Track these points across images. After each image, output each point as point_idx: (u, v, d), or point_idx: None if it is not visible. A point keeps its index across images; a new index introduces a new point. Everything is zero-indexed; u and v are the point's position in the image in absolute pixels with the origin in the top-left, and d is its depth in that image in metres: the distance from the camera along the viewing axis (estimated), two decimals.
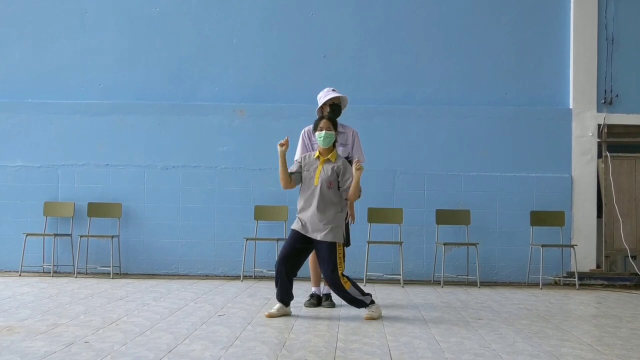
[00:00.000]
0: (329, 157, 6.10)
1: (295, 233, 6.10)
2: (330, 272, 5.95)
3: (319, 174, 6.04)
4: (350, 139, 6.60)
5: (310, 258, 6.65)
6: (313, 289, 6.79)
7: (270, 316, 6.00)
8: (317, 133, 6.10)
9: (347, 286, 5.99)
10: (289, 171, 6.13)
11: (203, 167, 9.44)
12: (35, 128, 9.56)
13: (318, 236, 5.98)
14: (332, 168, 6.06)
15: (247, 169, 9.41)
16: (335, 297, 6.98)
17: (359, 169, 5.91)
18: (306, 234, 6.03)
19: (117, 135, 9.52)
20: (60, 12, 9.76)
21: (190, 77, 9.68)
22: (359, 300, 6.07)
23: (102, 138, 9.52)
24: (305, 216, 6.04)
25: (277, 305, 6.10)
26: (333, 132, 6.08)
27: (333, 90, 6.54)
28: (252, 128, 9.46)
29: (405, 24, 9.61)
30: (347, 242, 6.64)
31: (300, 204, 6.13)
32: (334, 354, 4.63)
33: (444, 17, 9.61)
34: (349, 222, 6.67)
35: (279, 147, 6.02)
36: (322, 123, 6.09)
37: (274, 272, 6.16)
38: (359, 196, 6.04)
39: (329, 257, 5.96)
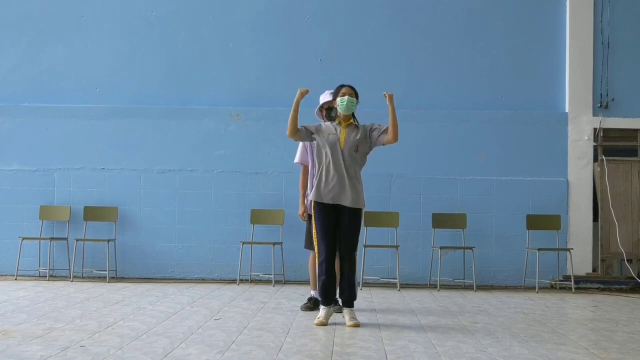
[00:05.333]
0: (350, 121, 5.99)
1: (323, 208, 5.88)
2: (352, 238, 5.86)
3: (344, 137, 5.91)
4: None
5: (310, 261, 6.63)
6: (312, 293, 6.74)
7: (322, 324, 5.78)
8: (339, 99, 5.93)
9: (355, 266, 5.97)
10: (301, 125, 5.99)
11: (199, 171, 9.43)
12: (31, 132, 9.55)
13: (347, 202, 5.85)
14: (357, 131, 5.95)
15: (244, 173, 9.40)
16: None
17: (391, 99, 5.84)
18: (333, 202, 5.85)
19: (113, 139, 9.52)
20: (56, 16, 9.76)
21: (186, 81, 9.68)
22: (355, 289, 5.99)
23: (98, 142, 9.51)
24: (330, 184, 5.85)
25: (324, 310, 5.90)
26: (355, 99, 5.97)
27: (331, 93, 6.46)
28: (249, 132, 9.46)
29: (401, 28, 9.62)
30: None
31: (320, 172, 5.90)
32: (330, 357, 4.62)
33: (440, 22, 9.63)
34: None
35: (299, 92, 5.94)
36: (345, 89, 5.98)
37: (318, 275, 5.92)
38: (397, 137, 5.90)
39: (356, 226, 5.89)
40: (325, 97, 6.46)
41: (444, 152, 9.40)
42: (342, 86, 6.07)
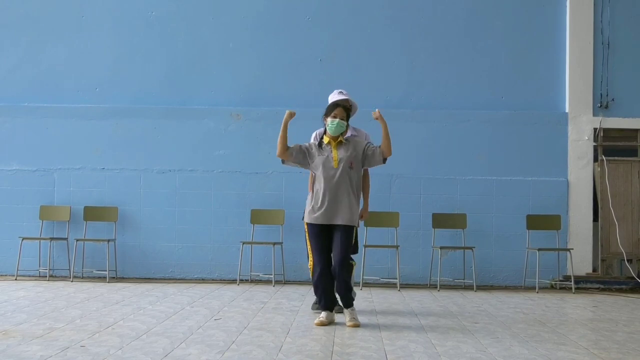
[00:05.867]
0: (340, 139, 5.98)
1: (317, 228, 5.89)
2: (345, 253, 5.84)
3: (337, 156, 5.90)
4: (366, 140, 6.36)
5: None
6: None
7: (322, 324, 5.82)
8: (329, 119, 5.92)
9: (352, 272, 5.95)
10: (291, 145, 6.02)
11: (199, 171, 9.43)
12: (31, 132, 9.55)
13: (340, 220, 5.84)
14: (349, 148, 5.94)
15: (244, 173, 9.40)
16: None
17: (381, 117, 5.88)
18: (326, 223, 5.86)
19: (113, 139, 9.52)
20: (56, 16, 9.76)
21: (186, 81, 9.67)
22: (351, 292, 6.01)
23: (98, 142, 9.51)
24: (324, 203, 5.85)
25: (326, 312, 5.93)
26: (346, 123, 5.96)
27: (340, 92, 6.36)
28: (248, 132, 9.45)
29: (401, 28, 9.62)
30: (354, 249, 6.47)
31: (316, 192, 5.91)
32: (330, 358, 4.62)
33: (441, 22, 9.63)
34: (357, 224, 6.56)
35: (287, 114, 5.93)
36: (337, 110, 5.93)
37: (313, 285, 6.02)
38: (390, 151, 5.95)
39: (347, 240, 5.86)
40: (334, 96, 6.36)
41: (444, 152, 9.39)
42: (335, 106, 6.02)
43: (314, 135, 6.41)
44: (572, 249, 9.03)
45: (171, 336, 5.22)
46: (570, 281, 8.89)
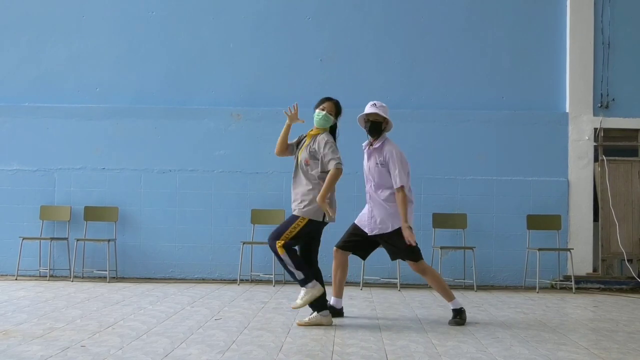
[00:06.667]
0: (312, 132, 6.03)
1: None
2: (276, 231, 5.92)
3: (302, 150, 6.01)
4: (387, 158, 6.22)
5: (334, 266, 6.44)
6: (332, 299, 6.40)
7: (300, 324, 5.83)
8: (317, 110, 6.01)
9: (281, 252, 5.83)
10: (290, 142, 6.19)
11: (200, 171, 9.43)
12: (31, 132, 9.55)
13: (295, 211, 5.97)
14: (310, 144, 5.96)
15: (244, 173, 9.40)
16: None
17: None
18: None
19: (114, 139, 9.52)
20: (57, 15, 9.76)
21: (186, 81, 9.67)
22: (291, 272, 5.88)
23: (98, 142, 9.51)
24: (292, 194, 6.10)
25: (314, 313, 5.86)
26: (332, 117, 5.98)
27: (373, 104, 6.20)
28: (249, 132, 9.45)
29: (401, 28, 9.62)
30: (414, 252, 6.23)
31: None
32: (330, 357, 4.62)
33: (441, 21, 9.63)
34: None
35: (288, 116, 6.10)
36: (327, 104, 6.01)
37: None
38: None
39: (286, 223, 5.96)
40: (367, 109, 6.19)
41: (444, 152, 9.39)
42: (325, 99, 6.08)
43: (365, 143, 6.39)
44: (573, 249, 9.03)
45: (171, 336, 5.22)
46: (571, 281, 8.89)
